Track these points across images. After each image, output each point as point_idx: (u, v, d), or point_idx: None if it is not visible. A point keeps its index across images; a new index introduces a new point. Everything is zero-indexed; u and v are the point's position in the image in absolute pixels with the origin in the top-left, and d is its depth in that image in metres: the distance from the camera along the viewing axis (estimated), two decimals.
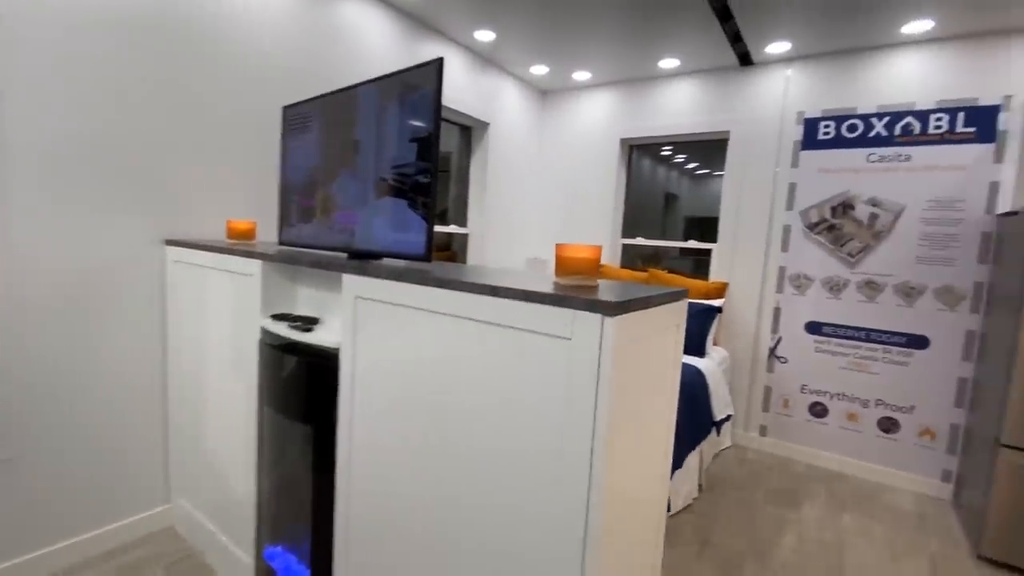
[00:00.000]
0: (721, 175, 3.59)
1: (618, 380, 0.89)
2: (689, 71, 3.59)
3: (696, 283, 3.51)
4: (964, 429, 2.80)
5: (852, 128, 3.05)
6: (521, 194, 4.22)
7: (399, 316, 1.20)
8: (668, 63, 3.46)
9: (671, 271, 3.84)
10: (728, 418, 3.12)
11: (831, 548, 2.31)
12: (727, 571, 2.09)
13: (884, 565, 2.20)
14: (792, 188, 3.25)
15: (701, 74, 3.57)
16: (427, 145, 1.17)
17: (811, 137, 3.17)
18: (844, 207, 3.09)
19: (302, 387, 1.45)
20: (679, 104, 3.67)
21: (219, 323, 1.80)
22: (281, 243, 1.82)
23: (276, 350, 1.51)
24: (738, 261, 3.48)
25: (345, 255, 1.51)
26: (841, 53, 3.08)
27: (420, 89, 1.17)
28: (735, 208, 3.47)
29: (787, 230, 3.28)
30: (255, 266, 1.58)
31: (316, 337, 1.40)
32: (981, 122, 2.71)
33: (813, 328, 3.23)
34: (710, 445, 3.02)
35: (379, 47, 2.82)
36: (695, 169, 4.62)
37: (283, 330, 1.47)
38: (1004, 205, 2.63)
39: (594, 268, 1.13)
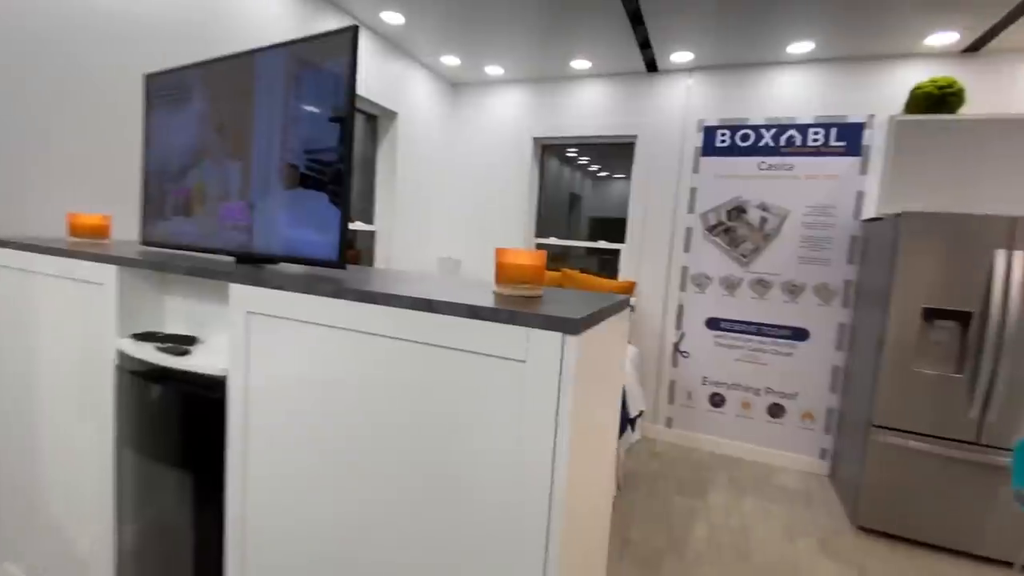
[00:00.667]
0: (621, 177, 3.71)
1: (578, 403, 0.78)
2: (599, 73, 3.64)
3: (607, 283, 3.58)
4: (838, 412, 3.14)
5: (745, 137, 3.28)
6: (432, 190, 4.02)
7: (307, 336, 0.99)
8: (580, 64, 3.47)
9: (582, 271, 3.88)
10: (641, 414, 3.21)
11: (738, 534, 2.45)
12: (648, 569, 2.11)
13: (783, 545, 2.37)
14: (693, 192, 3.43)
15: (611, 77, 3.64)
16: (346, 127, 0.97)
17: (710, 144, 3.37)
18: (738, 211, 3.32)
19: (176, 424, 1.17)
20: (590, 106, 3.71)
21: (58, 345, 1.42)
22: (145, 243, 1.49)
23: (140, 378, 1.21)
24: (645, 261, 3.60)
25: (232, 259, 1.25)
26: (737, 67, 3.30)
27: (332, 61, 0.97)
28: (642, 210, 3.59)
29: (689, 232, 3.46)
30: (108, 273, 1.25)
31: (194, 362, 1.13)
32: (850, 137, 3.04)
33: (712, 324, 3.44)
34: (623, 441, 3.08)
35: (269, 18, 2.47)
36: (597, 171, 4.74)
37: (149, 353, 1.17)
38: (868, 212, 2.97)
39: (540, 276, 1.02)
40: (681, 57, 3.22)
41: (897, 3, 2.40)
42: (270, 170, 1.06)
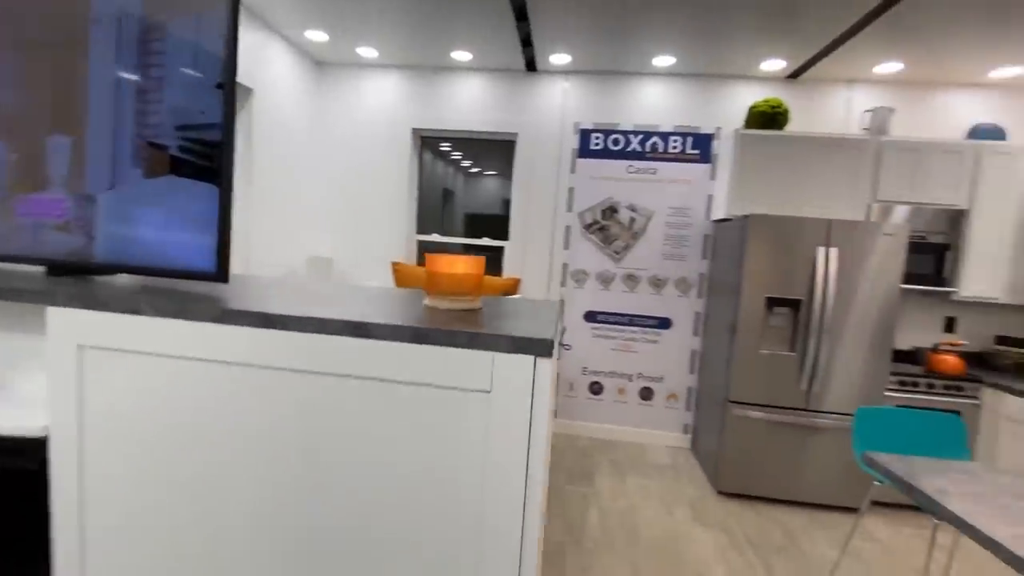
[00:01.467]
0: (494, 175, 3.71)
1: (544, 429, 0.70)
2: (480, 68, 3.57)
3: (494, 280, 3.56)
4: (696, 390, 3.54)
5: (616, 142, 3.49)
6: (298, 181, 3.58)
7: (177, 377, 0.75)
8: (461, 55, 3.36)
9: None
10: None
11: (625, 515, 2.60)
12: (552, 564, 2.13)
13: (664, 519, 2.58)
14: (571, 192, 3.56)
15: (492, 73, 3.59)
16: (228, 96, 0.74)
17: (585, 146, 3.52)
18: (611, 210, 3.53)
19: None
20: (471, 100, 3.63)
21: None
22: None
23: None
24: (528, 258, 3.65)
25: (44, 269, 0.91)
26: (609, 73, 3.49)
27: (204, 11, 0.73)
28: (524, 208, 3.63)
29: (568, 230, 3.59)
30: None
31: None
32: (702, 146, 3.42)
33: (590, 317, 3.63)
34: None
35: None
36: (470, 167, 4.70)
37: None
38: (717, 213, 3.37)
39: (479, 286, 0.91)
40: (559, 59, 3.30)
41: (738, 31, 2.74)
42: (121, 151, 0.77)
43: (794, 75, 3.28)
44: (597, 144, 3.51)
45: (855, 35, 2.69)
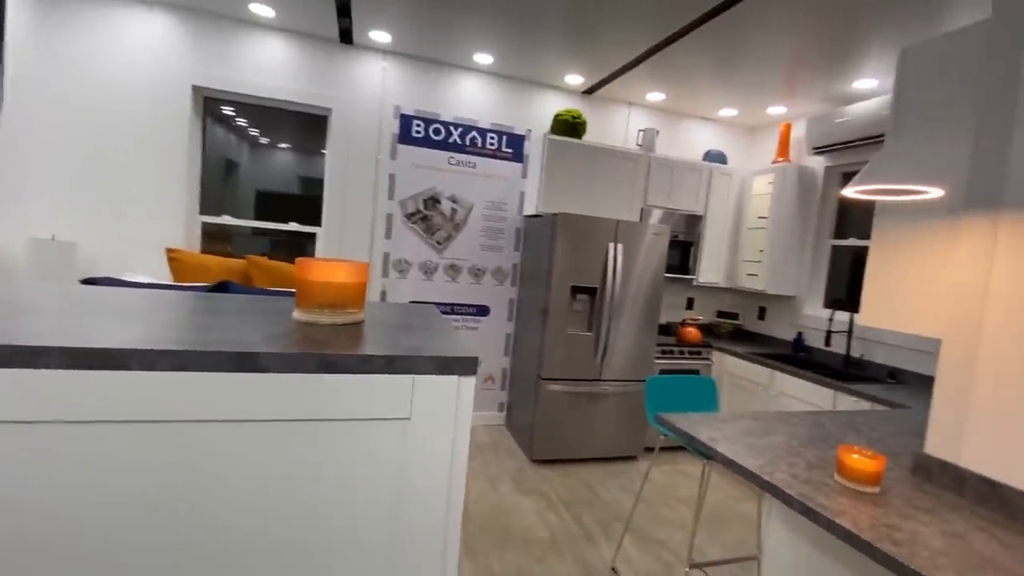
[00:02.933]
0: (286, 148, 3.40)
1: (465, 452, 0.69)
2: (285, 28, 3.14)
3: None
4: (510, 371, 3.84)
5: (437, 131, 3.50)
6: (17, 140, 2.63)
7: None
8: (261, 9, 2.90)
9: (273, 257, 3.35)
10: None
11: (465, 498, 2.71)
12: None
13: (491, 495, 2.77)
14: (392, 178, 3.44)
15: (301, 37, 3.20)
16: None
17: (406, 132, 3.43)
18: (433, 201, 3.55)
19: None
20: (273, 63, 3.17)
21: None
22: None
23: None
24: (346, 247, 3.42)
25: None
26: (431, 62, 3.45)
27: None
28: (340, 191, 3.37)
29: (390, 218, 3.47)
30: None
31: None
32: (515, 146, 3.67)
33: None
34: None
35: None
36: (258, 137, 4.16)
37: None
38: (528, 209, 3.68)
39: (362, 295, 0.84)
40: (380, 36, 3.13)
41: (547, 45, 3.01)
42: None
43: (589, 91, 3.76)
44: (419, 132, 3.45)
45: (635, 67, 3.21)
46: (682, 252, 3.91)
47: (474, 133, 3.57)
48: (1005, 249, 1.33)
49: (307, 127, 3.46)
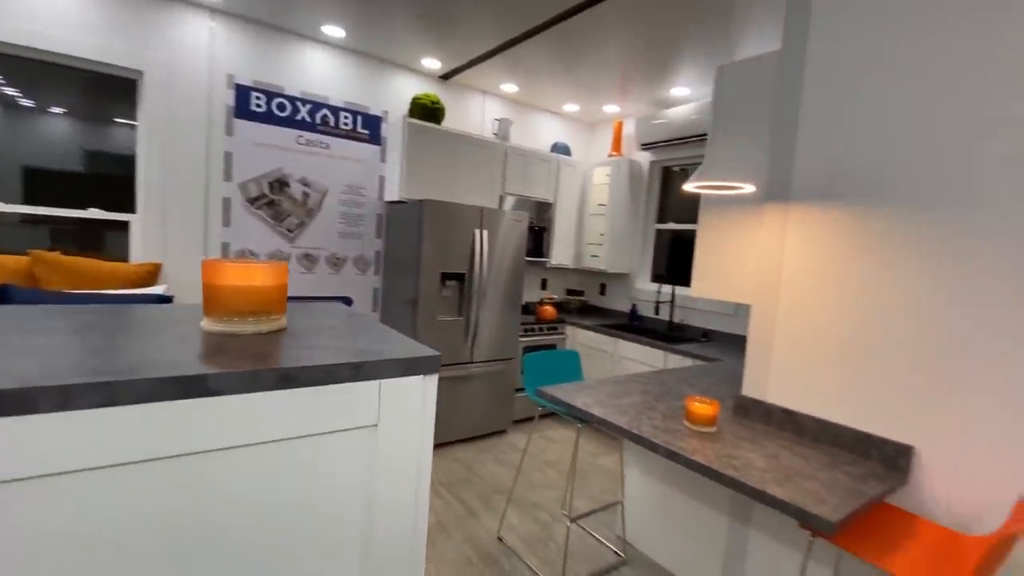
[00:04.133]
0: (61, 114, 2.80)
1: (430, 451, 0.70)
2: None
3: (116, 267, 2.68)
4: None
5: (282, 107, 3.16)
6: None
7: None
8: None
9: (67, 251, 2.69)
10: None
11: None
12: None
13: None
14: (229, 158, 3.02)
15: None
16: None
17: (244, 106, 3.03)
18: (280, 184, 3.21)
19: None
20: (55, 9, 2.51)
21: None
22: None
23: None
24: (171, 237, 2.92)
25: None
26: (272, 28, 3.07)
27: None
28: (159, 171, 2.85)
29: (227, 203, 3.05)
30: None
31: None
32: (372, 127, 3.50)
33: None
34: None
35: None
36: (16, 98, 3.33)
37: None
38: (390, 195, 3.56)
39: (284, 298, 0.78)
40: None
41: (402, 24, 2.92)
42: None
43: (446, 76, 3.75)
44: (259, 106, 3.08)
45: (490, 58, 3.31)
46: (536, 237, 4.19)
47: (326, 111, 3.31)
48: (792, 233, 1.74)
49: (93, 89, 2.82)
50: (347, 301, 3.56)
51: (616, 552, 2.33)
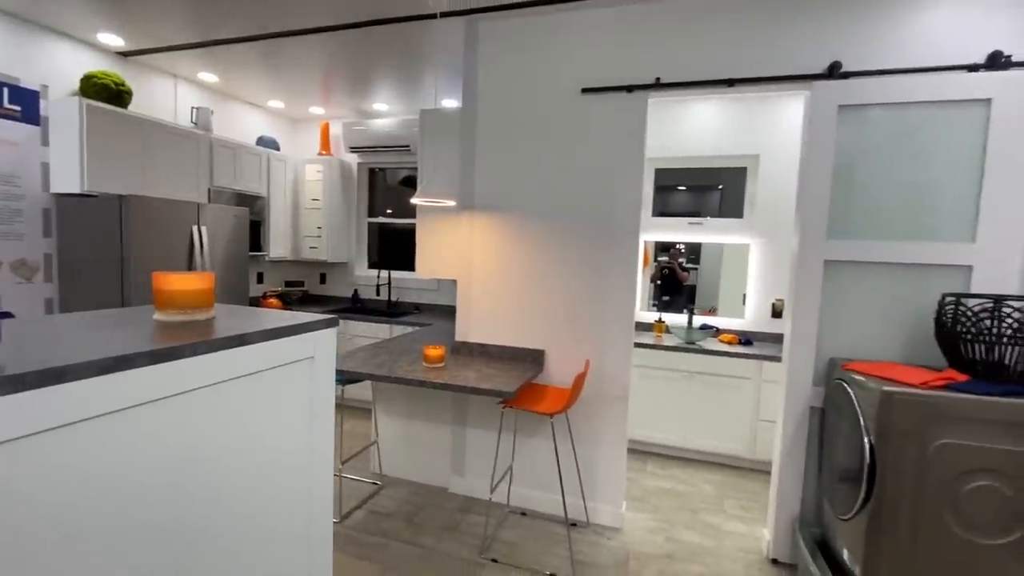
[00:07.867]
0: None
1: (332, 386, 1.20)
2: None
3: None
4: None
5: None
6: None
7: None
8: None
9: None
10: None
11: None
12: None
13: None
14: None
15: None
16: None
17: None
18: None
19: None
20: None
21: None
22: None
23: None
24: None
25: None
26: None
27: None
28: None
29: None
30: None
31: None
32: (26, 103, 2.88)
33: None
34: None
35: None
36: None
37: None
38: (61, 186, 3.01)
39: (211, 299, 1.13)
40: None
41: None
42: None
43: (127, 54, 3.35)
44: None
45: (188, 49, 3.21)
46: (252, 231, 4.20)
47: None
48: (478, 230, 2.70)
49: None
50: (6, 315, 2.88)
51: (374, 483, 2.95)
